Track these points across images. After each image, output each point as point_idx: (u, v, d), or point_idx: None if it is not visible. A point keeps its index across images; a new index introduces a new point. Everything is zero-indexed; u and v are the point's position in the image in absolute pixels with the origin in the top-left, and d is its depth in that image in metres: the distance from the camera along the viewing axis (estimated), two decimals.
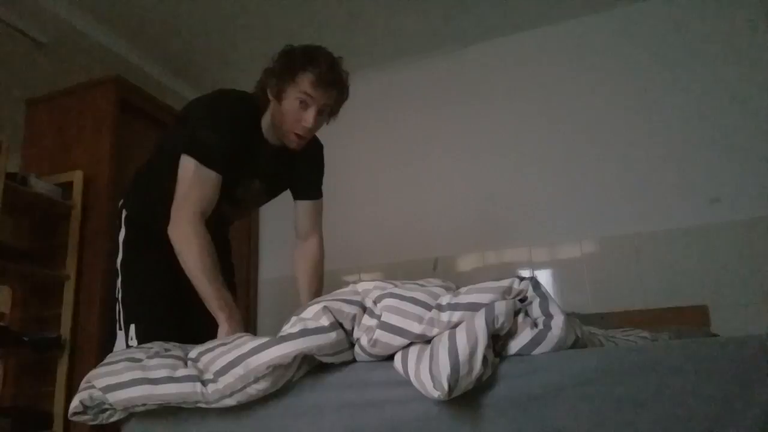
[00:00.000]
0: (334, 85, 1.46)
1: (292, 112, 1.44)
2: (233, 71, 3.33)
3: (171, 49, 3.11)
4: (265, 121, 1.54)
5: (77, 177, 2.38)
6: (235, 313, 1.38)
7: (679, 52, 2.71)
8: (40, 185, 2.27)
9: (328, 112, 1.52)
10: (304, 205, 1.75)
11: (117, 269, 1.61)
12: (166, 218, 1.42)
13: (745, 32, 2.60)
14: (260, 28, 2.96)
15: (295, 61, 1.44)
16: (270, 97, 1.48)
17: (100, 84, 2.55)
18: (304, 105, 1.44)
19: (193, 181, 1.39)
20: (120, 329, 1.55)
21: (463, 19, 2.95)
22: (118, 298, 1.59)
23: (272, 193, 1.74)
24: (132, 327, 1.51)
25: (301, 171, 1.70)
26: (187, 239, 1.36)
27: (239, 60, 3.23)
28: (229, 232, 1.90)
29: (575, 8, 2.89)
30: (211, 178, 1.41)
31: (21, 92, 2.80)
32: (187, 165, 1.41)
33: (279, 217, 2.16)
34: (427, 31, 3.05)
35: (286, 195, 1.77)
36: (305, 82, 1.42)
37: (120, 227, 1.65)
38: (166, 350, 1.13)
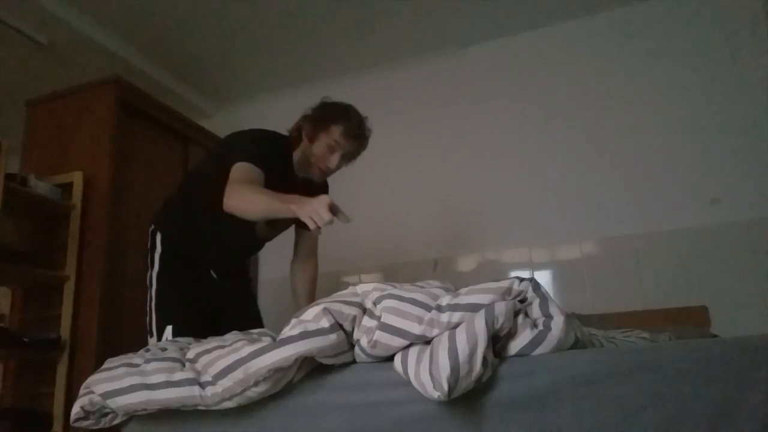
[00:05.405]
0: (359, 138, 1.76)
1: (321, 153, 1.74)
2: (233, 72, 3.34)
3: (171, 50, 3.11)
4: (296, 156, 1.81)
5: (77, 178, 2.37)
6: (298, 197, 1.42)
7: (679, 53, 2.71)
8: (40, 186, 2.27)
9: (348, 158, 1.80)
10: (309, 233, 1.92)
11: (152, 281, 1.77)
12: (201, 239, 1.79)
13: (745, 32, 2.60)
14: (260, 30, 2.96)
15: (331, 113, 1.75)
16: (304, 137, 1.77)
17: (100, 84, 2.55)
18: (331, 149, 1.73)
19: (243, 173, 1.57)
20: (151, 336, 1.70)
21: (463, 20, 2.95)
22: (151, 307, 1.74)
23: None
24: (168, 329, 1.65)
25: None
26: (237, 195, 1.51)
27: (239, 60, 3.23)
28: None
29: (574, 9, 2.89)
30: (258, 171, 1.60)
31: (21, 93, 2.79)
32: (237, 166, 1.59)
33: None
34: (427, 33, 3.04)
35: None
36: (336, 132, 1.72)
37: (155, 246, 1.81)
38: (163, 350, 1.13)
